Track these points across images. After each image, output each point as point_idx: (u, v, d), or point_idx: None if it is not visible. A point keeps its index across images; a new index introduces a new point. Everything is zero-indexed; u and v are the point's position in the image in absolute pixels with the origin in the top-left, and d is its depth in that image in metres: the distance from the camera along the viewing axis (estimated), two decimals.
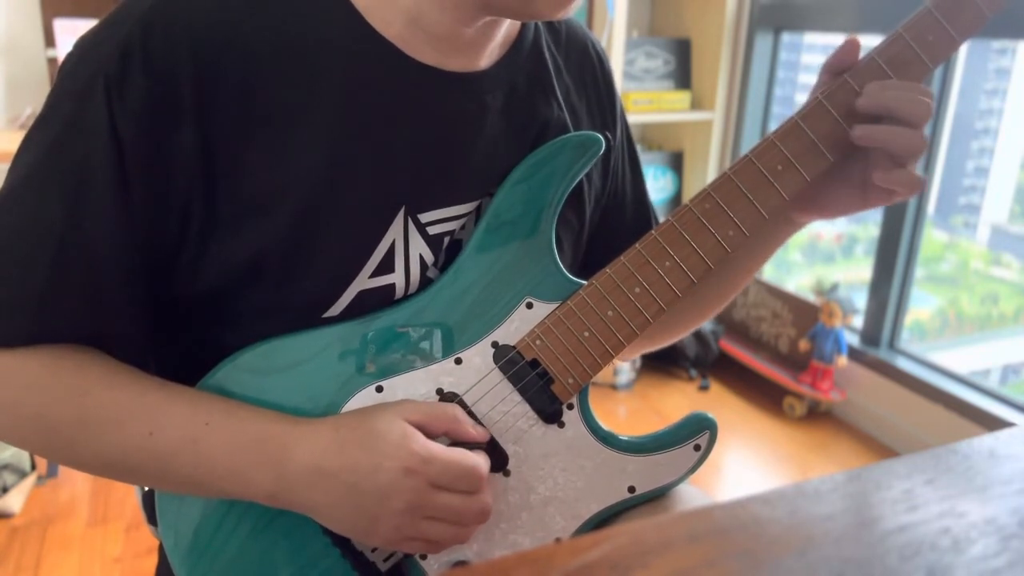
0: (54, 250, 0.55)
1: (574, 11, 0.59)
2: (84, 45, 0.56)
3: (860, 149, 0.64)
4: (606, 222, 0.78)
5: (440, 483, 0.57)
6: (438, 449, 0.58)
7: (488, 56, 0.64)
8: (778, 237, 0.74)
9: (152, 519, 0.67)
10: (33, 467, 1.86)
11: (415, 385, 0.62)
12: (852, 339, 2.34)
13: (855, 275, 2.88)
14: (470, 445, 0.61)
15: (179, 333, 0.64)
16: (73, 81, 0.55)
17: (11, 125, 2.39)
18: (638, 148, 0.83)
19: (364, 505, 0.57)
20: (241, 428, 0.58)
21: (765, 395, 2.46)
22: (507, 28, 0.65)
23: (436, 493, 0.57)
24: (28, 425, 0.58)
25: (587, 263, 0.75)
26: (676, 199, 2.77)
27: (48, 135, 0.55)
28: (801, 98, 0.71)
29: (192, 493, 0.61)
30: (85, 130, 0.54)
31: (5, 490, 1.78)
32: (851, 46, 0.63)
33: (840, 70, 0.64)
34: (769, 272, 2.78)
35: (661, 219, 0.78)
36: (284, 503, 0.58)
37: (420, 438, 0.58)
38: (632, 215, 0.81)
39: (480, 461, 0.59)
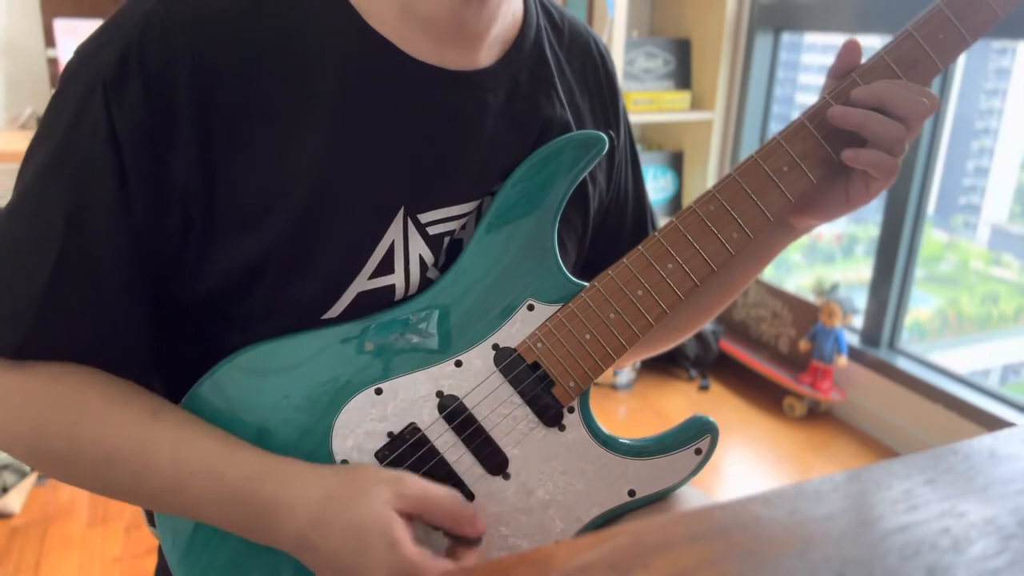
0: (55, 259, 0.55)
1: None
2: (83, 52, 0.56)
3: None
4: (607, 223, 0.78)
5: None
6: (426, 565, 0.54)
7: (488, 53, 0.64)
8: (777, 243, 0.73)
9: (152, 519, 0.67)
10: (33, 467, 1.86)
11: (415, 387, 0.62)
12: (852, 339, 2.34)
13: (855, 275, 2.88)
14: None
15: (179, 335, 0.64)
16: (73, 88, 0.55)
17: (11, 125, 2.38)
18: (638, 148, 0.83)
19: None
20: (222, 486, 0.57)
21: (765, 395, 2.46)
22: (507, 24, 0.65)
23: None
24: (24, 445, 0.59)
25: (587, 264, 0.75)
26: (676, 199, 2.77)
27: (50, 143, 0.56)
28: (801, 98, 0.71)
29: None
30: (85, 137, 0.54)
31: (5, 490, 1.78)
32: (852, 47, 0.63)
33: (844, 72, 0.63)
34: (769, 272, 2.78)
35: (659, 220, 0.78)
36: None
37: (408, 548, 0.54)
38: (633, 216, 0.81)
39: (470, 567, 0.56)
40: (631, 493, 0.65)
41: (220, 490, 0.57)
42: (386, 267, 0.62)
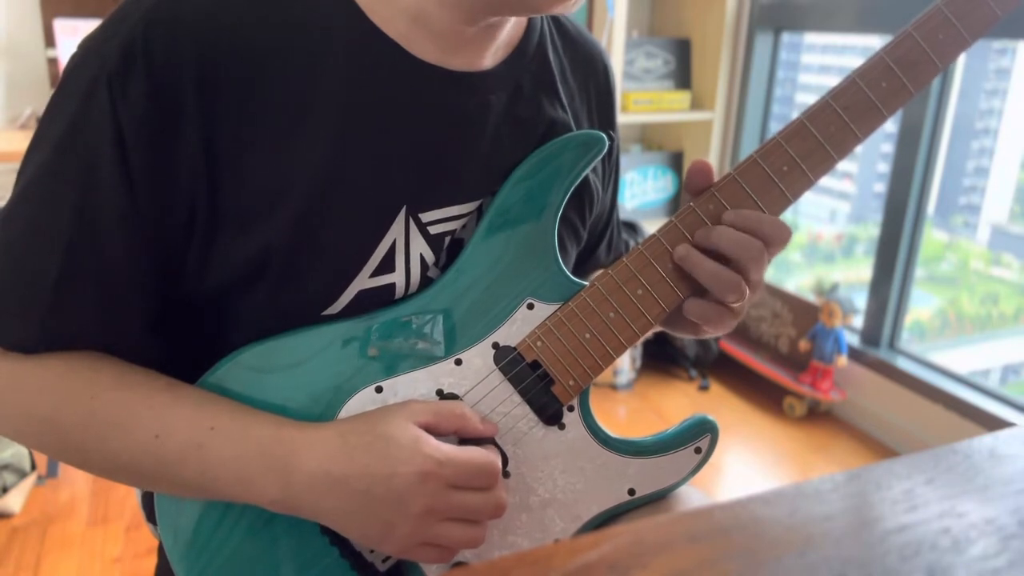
0: (63, 254, 0.55)
1: (577, 7, 0.59)
2: (87, 45, 0.56)
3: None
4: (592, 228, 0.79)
5: (457, 483, 0.57)
6: (452, 450, 0.57)
7: (492, 56, 0.64)
8: None
9: (152, 518, 0.67)
10: (33, 467, 1.85)
11: (415, 385, 0.62)
12: (852, 339, 2.34)
13: (855, 275, 2.88)
14: (477, 440, 0.61)
15: (182, 332, 0.64)
16: (76, 81, 0.55)
17: (11, 125, 2.38)
18: (638, 148, 0.83)
19: (378, 511, 0.56)
20: (245, 434, 0.57)
21: (765, 395, 2.46)
22: (511, 29, 0.65)
23: (453, 493, 0.57)
24: (40, 428, 0.59)
25: None
26: (676, 199, 2.77)
27: (53, 137, 0.55)
28: (801, 98, 0.71)
29: (200, 498, 0.61)
30: (89, 131, 0.54)
31: (5, 490, 1.78)
32: (698, 169, 0.63)
33: (697, 190, 0.63)
34: (769, 272, 2.76)
35: (657, 221, 0.78)
36: (291, 510, 0.58)
37: (432, 441, 0.57)
38: (603, 227, 0.82)
39: (493, 456, 0.59)
40: (631, 492, 0.65)
41: (241, 437, 0.57)
42: (387, 266, 0.62)
